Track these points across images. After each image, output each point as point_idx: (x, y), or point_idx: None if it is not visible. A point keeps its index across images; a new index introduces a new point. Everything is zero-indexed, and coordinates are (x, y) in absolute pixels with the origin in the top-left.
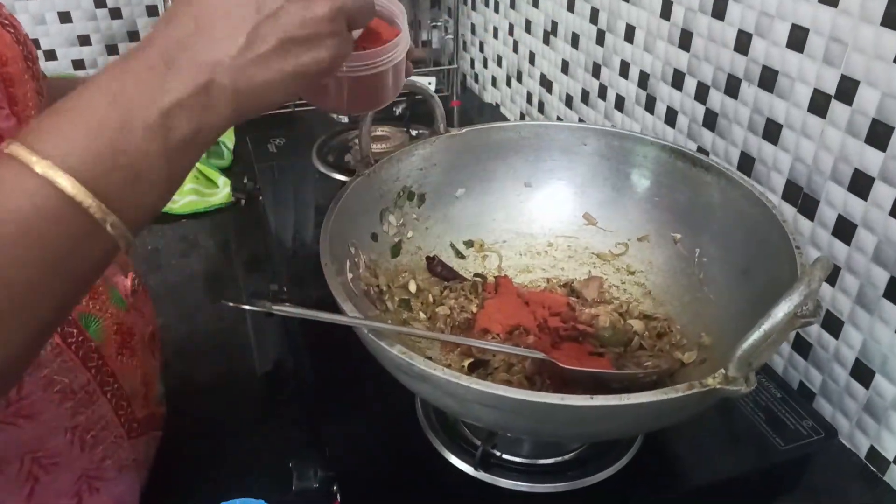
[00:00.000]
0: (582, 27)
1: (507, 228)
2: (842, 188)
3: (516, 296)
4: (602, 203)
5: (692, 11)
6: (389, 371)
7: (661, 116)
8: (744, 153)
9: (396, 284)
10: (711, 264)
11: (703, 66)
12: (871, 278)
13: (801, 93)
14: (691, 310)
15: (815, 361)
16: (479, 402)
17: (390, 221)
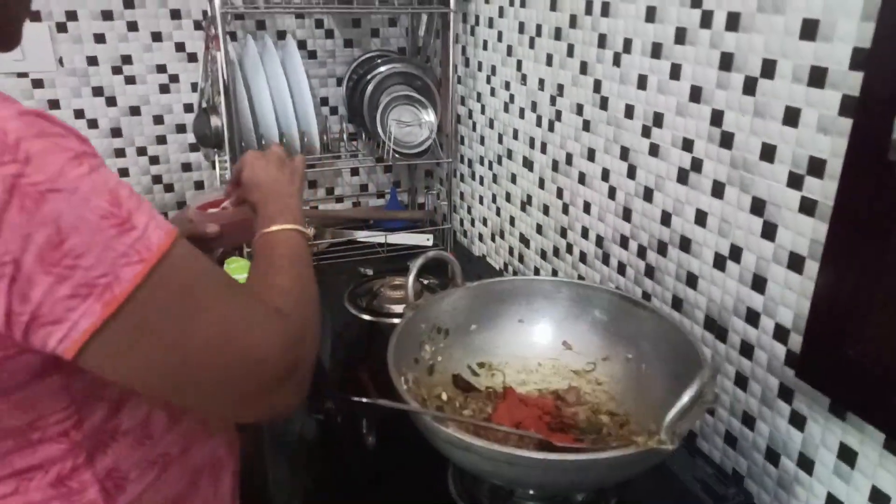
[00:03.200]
0: (550, 200)
1: (508, 353)
2: (741, 320)
3: (519, 401)
4: (575, 333)
5: (630, 196)
6: (440, 447)
7: (615, 268)
8: (674, 296)
9: (433, 395)
10: (653, 374)
11: (641, 233)
12: (768, 384)
13: (706, 254)
14: (642, 406)
15: (741, 450)
16: (507, 461)
17: (426, 349)
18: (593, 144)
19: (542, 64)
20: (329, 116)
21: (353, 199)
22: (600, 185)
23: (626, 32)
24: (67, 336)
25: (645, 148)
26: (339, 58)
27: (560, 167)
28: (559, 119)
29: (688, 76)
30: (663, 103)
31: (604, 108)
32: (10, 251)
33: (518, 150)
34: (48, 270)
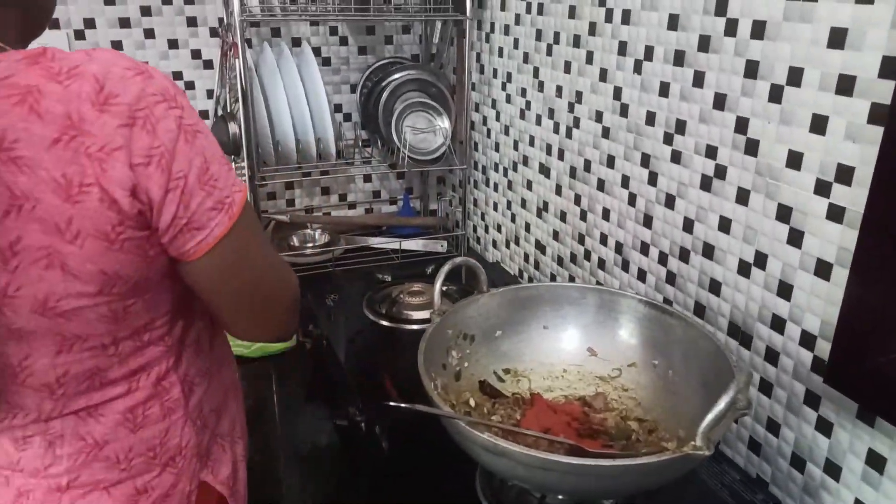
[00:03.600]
0: (568, 206)
1: (533, 359)
2: (766, 326)
3: (547, 407)
4: (601, 340)
5: (651, 202)
6: (473, 452)
7: (635, 275)
8: (697, 302)
9: (461, 401)
10: (681, 380)
11: (662, 240)
12: (794, 390)
13: (730, 261)
14: (670, 413)
15: (765, 457)
16: (542, 467)
17: (453, 355)
18: (613, 151)
19: (559, 71)
20: (342, 123)
21: (366, 205)
22: (620, 191)
23: (648, 40)
24: (204, 240)
25: (667, 155)
26: (353, 65)
27: (578, 174)
28: (577, 126)
29: (711, 84)
30: (686, 110)
31: (624, 115)
32: (182, 170)
33: (534, 156)
34: (202, 187)
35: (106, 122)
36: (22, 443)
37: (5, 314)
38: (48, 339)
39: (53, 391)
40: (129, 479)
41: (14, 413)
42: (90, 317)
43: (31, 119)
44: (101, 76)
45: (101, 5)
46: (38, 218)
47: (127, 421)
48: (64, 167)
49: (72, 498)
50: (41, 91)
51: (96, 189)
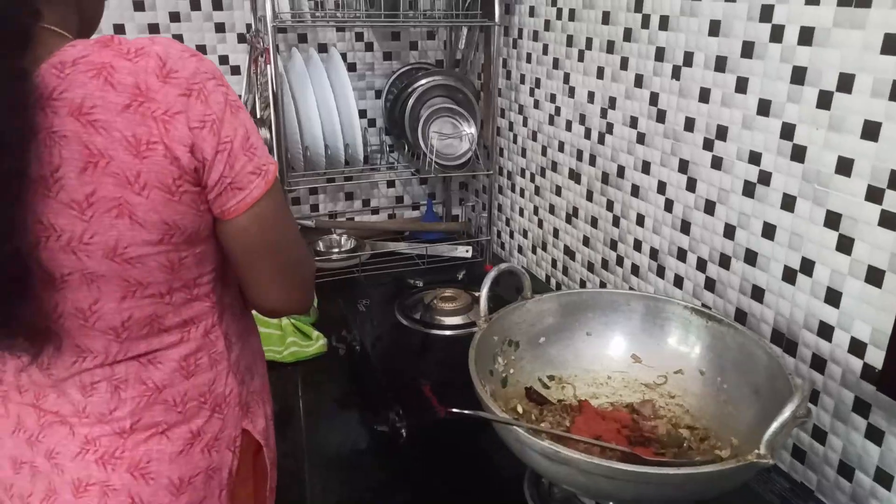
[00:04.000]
0: (600, 213)
1: (577, 366)
2: (812, 333)
3: (596, 414)
4: (645, 346)
5: (689, 208)
6: (530, 459)
7: (671, 281)
8: (738, 308)
9: (509, 407)
10: (731, 388)
11: (701, 246)
12: (841, 398)
13: (774, 267)
14: (721, 421)
15: (810, 465)
16: (605, 475)
17: (499, 361)
18: (648, 157)
19: (591, 77)
20: (367, 128)
21: (389, 210)
22: (656, 197)
23: (688, 46)
24: (243, 199)
25: (707, 161)
26: (378, 70)
27: (611, 179)
28: (610, 132)
29: (755, 90)
30: (728, 116)
31: (661, 120)
32: (229, 136)
33: (564, 162)
34: (244, 153)
35: (168, 92)
36: (90, 388)
37: (81, 259)
38: (115, 285)
39: (119, 334)
40: (185, 423)
41: (83, 356)
42: (151, 265)
43: (106, 89)
44: (163, 55)
45: (131, 11)
46: (112, 172)
47: (181, 368)
48: (134, 128)
49: (135, 442)
50: (113, 66)
51: (161, 146)
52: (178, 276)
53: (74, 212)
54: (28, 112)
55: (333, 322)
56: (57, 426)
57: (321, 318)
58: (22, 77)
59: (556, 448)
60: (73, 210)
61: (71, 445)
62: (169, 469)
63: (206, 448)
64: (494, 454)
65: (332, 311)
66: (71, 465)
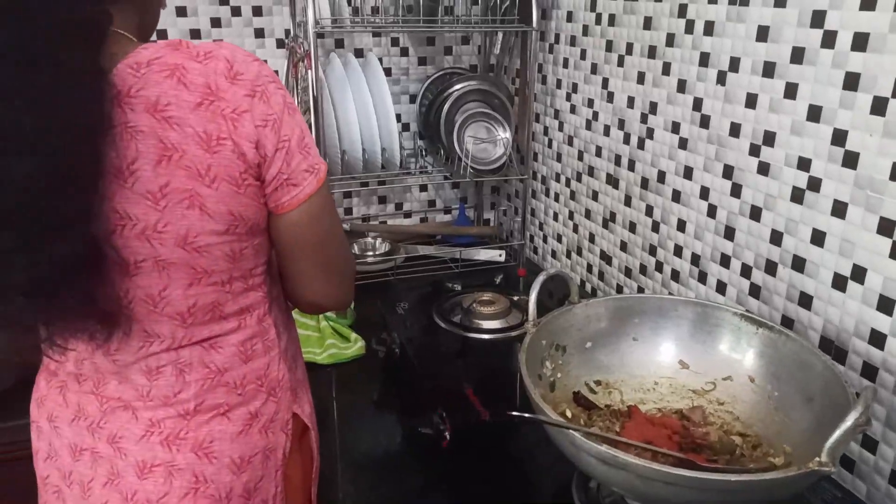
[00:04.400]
0: (639, 218)
1: (623, 371)
2: (863, 341)
3: (646, 420)
4: (693, 352)
5: (734, 214)
6: (583, 464)
7: (713, 287)
8: (784, 315)
9: (557, 411)
10: (783, 396)
11: (746, 252)
12: (893, 407)
13: (824, 274)
14: (772, 428)
15: (859, 474)
16: (663, 481)
17: (547, 366)
18: (691, 162)
19: (632, 82)
20: (401, 133)
21: (421, 214)
22: (698, 203)
23: (734, 51)
24: (296, 196)
25: (753, 166)
26: (413, 75)
27: (650, 185)
28: (651, 137)
29: (805, 95)
30: (776, 122)
31: (704, 126)
32: (287, 135)
33: (601, 167)
34: (300, 151)
35: (236, 92)
36: (155, 373)
37: (155, 247)
38: (183, 272)
39: (185, 319)
40: (244, 405)
41: (150, 341)
42: (217, 254)
43: (180, 88)
44: (230, 58)
45: (174, 17)
46: (184, 165)
47: (240, 353)
48: (205, 124)
49: (198, 423)
50: (185, 68)
51: (230, 142)
52: (237, 266)
53: (149, 202)
54: (105, 107)
55: (371, 324)
56: (119, 411)
57: (358, 321)
58: (100, 74)
59: (614, 452)
60: (147, 200)
61: (134, 429)
62: (230, 448)
63: (263, 429)
64: (536, 458)
65: (369, 313)
66: (135, 448)
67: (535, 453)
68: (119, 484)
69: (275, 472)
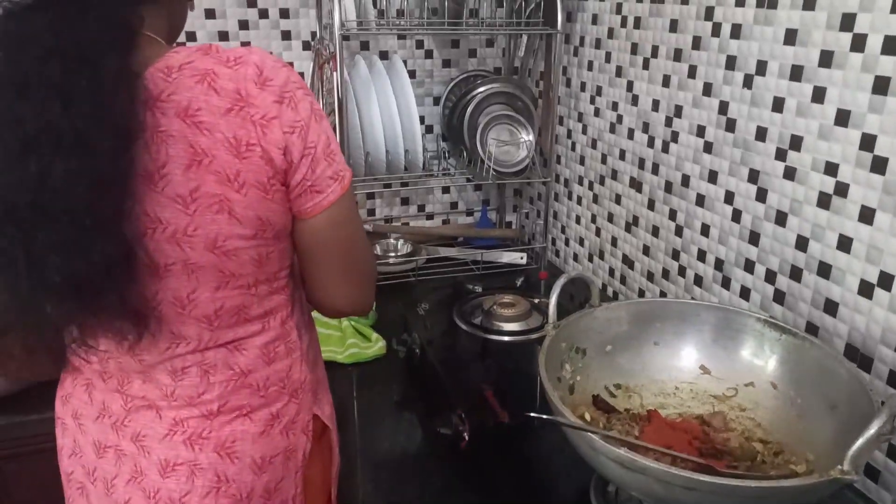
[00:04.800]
0: (662, 222)
1: (644, 376)
2: (890, 349)
3: (665, 424)
4: (714, 357)
5: (759, 219)
6: (601, 467)
7: (736, 293)
8: (809, 322)
9: (577, 414)
10: (805, 403)
11: (770, 258)
12: None
13: (850, 281)
14: (795, 435)
15: (884, 484)
16: (683, 486)
17: (566, 368)
18: (716, 166)
19: (657, 85)
20: (425, 135)
21: (443, 216)
22: (723, 207)
23: (761, 55)
24: (319, 203)
25: (779, 171)
26: (437, 77)
27: (674, 188)
28: (675, 140)
29: (833, 99)
30: (803, 126)
31: (730, 130)
32: (314, 141)
33: (624, 170)
34: (325, 158)
35: (265, 98)
36: (180, 374)
37: (185, 250)
38: (212, 275)
39: (211, 322)
40: (266, 406)
41: (177, 342)
42: (244, 258)
43: (210, 93)
44: (259, 64)
45: (203, 19)
46: (214, 171)
47: (263, 355)
48: (235, 130)
49: (220, 423)
50: (216, 73)
51: (259, 148)
52: (263, 270)
53: (179, 206)
54: (137, 111)
55: (392, 325)
56: (144, 410)
57: (379, 321)
58: (132, 78)
59: (633, 456)
60: (177, 204)
61: (158, 428)
62: (252, 449)
63: (285, 430)
64: (554, 461)
65: (390, 313)
66: (158, 447)
67: (554, 456)
68: (142, 482)
69: (295, 473)
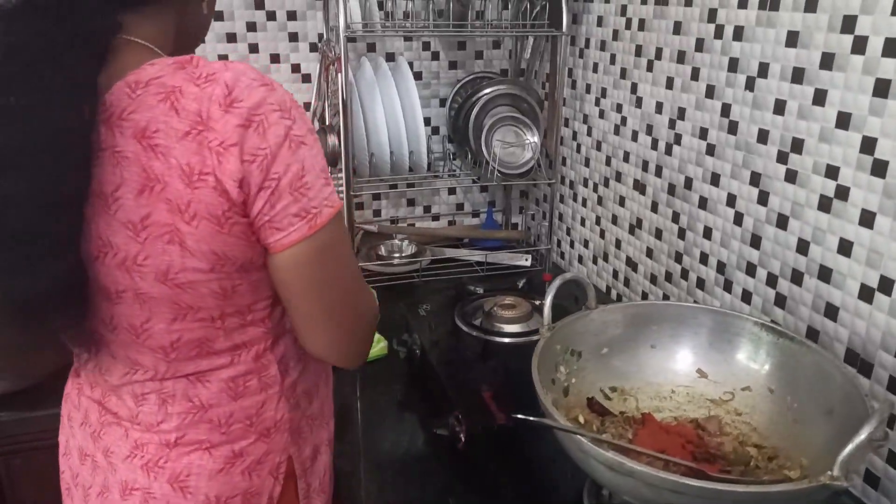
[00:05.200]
0: (665, 224)
1: (640, 378)
2: (890, 355)
3: (659, 428)
4: (711, 361)
5: (760, 222)
6: (591, 470)
7: (738, 296)
8: (810, 327)
9: (570, 416)
10: (801, 408)
11: (772, 261)
12: None
13: (851, 285)
14: (790, 440)
15: (884, 491)
16: (671, 489)
17: (561, 370)
18: (718, 169)
19: (660, 87)
20: (431, 136)
21: (449, 217)
22: (725, 210)
23: (763, 57)
24: (280, 241)
25: (780, 174)
26: (443, 79)
27: (677, 191)
28: (678, 143)
29: (834, 102)
30: (804, 129)
31: (732, 132)
32: (278, 172)
33: (628, 172)
34: (291, 192)
35: (228, 122)
36: (140, 398)
37: (135, 279)
38: (166, 307)
39: (168, 354)
40: (228, 443)
41: (135, 369)
42: (203, 291)
43: (171, 114)
44: (230, 82)
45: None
46: (165, 198)
47: (229, 388)
48: (189, 157)
49: (178, 454)
50: (181, 92)
51: (212, 178)
52: (230, 303)
53: (130, 232)
54: (94, 129)
55: (394, 325)
56: (114, 426)
57: (382, 322)
58: (91, 94)
59: (621, 459)
60: (128, 230)
61: (123, 447)
62: (207, 486)
63: (247, 470)
64: (552, 463)
65: (393, 314)
66: (122, 466)
67: (551, 458)
68: (108, 498)
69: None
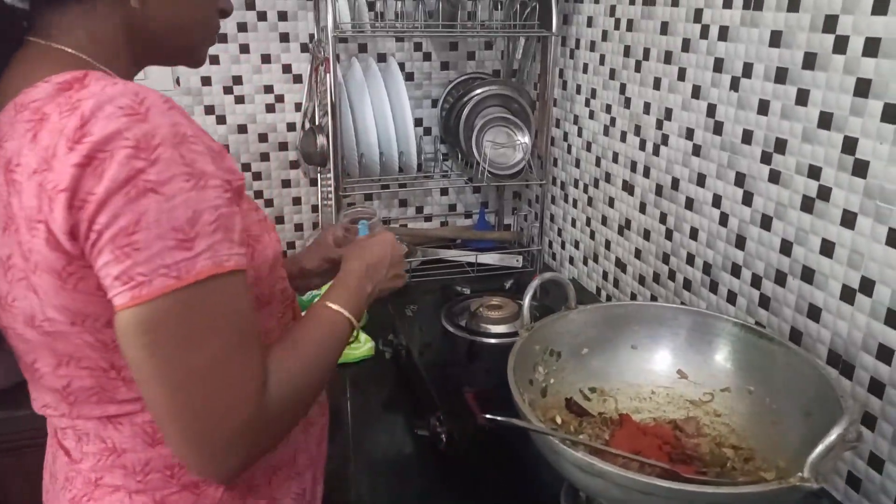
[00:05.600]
0: (653, 225)
1: (620, 379)
2: (870, 356)
3: (637, 429)
4: (691, 362)
5: (745, 223)
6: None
7: (724, 297)
8: (793, 328)
9: (547, 417)
10: (780, 409)
11: (756, 262)
12: None
13: (833, 286)
14: (768, 442)
15: (866, 493)
16: (641, 490)
17: (539, 371)
18: (704, 169)
19: (648, 87)
20: (423, 137)
21: (442, 218)
22: (710, 210)
23: (747, 57)
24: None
25: (764, 174)
26: (435, 80)
27: (665, 192)
28: (665, 143)
29: (817, 102)
30: (787, 129)
31: (718, 132)
32: (103, 223)
33: (617, 173)
34: (113, 251)
35: (67, 161)
36: (62, 433)
37: (9, 319)
38: (46, 352)
39: (65, 397)
40: (147, 492)
41: (48, 404)
42: (76, 342)
43: (32, 147)
44: (89, 112)
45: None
46: (18, 242)
47: (145, 434)
48: (30, 199)
49: (102, 493)
50: (47, 121)
51: (43, 227)
52: (119, 355)
53: (1, 270)
54: None
55: (381, 326)
56: (61, 453)
57: (370, 322)
58: None
59: (591, 460)
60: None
61: (60, 474)
62: None
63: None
64: (534, 464)
65: (380, 315)
66: (60, 495)
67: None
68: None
69: None
